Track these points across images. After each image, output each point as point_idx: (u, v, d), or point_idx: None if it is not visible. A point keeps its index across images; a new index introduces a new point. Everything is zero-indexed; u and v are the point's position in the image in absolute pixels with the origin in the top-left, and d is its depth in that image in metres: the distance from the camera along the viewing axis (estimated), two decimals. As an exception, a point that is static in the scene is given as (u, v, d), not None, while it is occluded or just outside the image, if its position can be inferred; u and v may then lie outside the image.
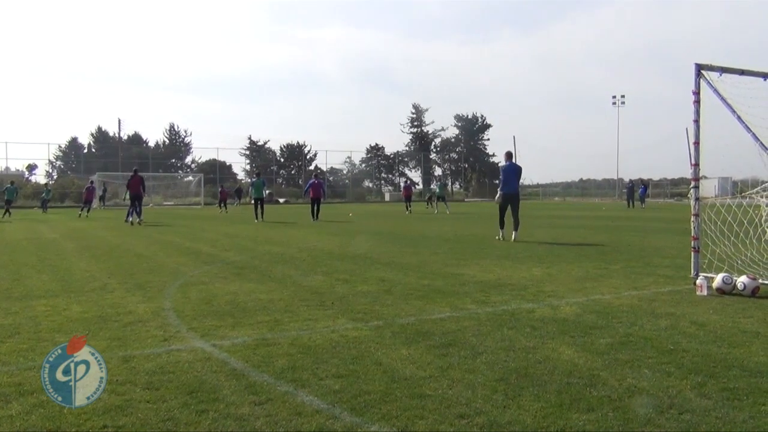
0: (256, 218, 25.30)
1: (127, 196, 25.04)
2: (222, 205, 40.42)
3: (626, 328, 5.76)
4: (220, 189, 44.19)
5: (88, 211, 34.05)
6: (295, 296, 7.56)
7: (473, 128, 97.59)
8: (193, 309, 6.80)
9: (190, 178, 43.65)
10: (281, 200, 65.48)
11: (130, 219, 24.63)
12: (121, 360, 4.75)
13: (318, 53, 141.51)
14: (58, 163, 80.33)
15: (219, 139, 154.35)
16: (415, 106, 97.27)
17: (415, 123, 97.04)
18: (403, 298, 7.40)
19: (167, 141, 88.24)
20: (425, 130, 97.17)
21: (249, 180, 69.49)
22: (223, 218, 30.08)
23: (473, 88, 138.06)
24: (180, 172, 78.87)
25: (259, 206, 25.90)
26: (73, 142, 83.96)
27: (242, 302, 7.18)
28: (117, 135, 77.76)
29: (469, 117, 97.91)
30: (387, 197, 79.09)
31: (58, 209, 46.07)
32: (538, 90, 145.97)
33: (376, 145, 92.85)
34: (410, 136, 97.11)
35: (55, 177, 73.03)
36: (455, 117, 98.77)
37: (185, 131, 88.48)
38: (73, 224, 25.69)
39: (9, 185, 35.11)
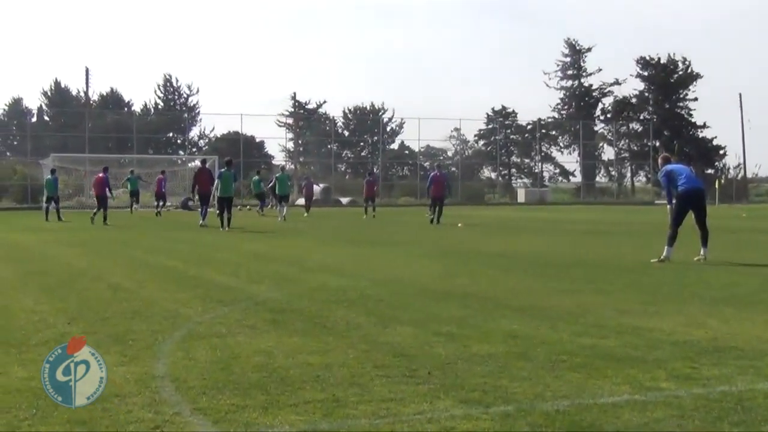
0: (222, 226, 20.13)
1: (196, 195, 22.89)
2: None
3: None
4: (305, 182, 34.20)
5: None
6: (366, 360, 5.46)
7: (668, 81, 63.99)
8: (201, 377, 5.07)
9: (197, 162, 31.68)
10: (344, 200, 45.79)
11: (202, 222, 21.61)
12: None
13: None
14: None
15: (243, 101, 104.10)
16: (570, 44, 64.86)
17: (570, 71, 65.35)
18: (548, 367, 5.24)
19: (161, 103, 62.43)
20: (587, 84, 64.61)
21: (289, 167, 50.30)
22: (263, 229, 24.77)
23: (667, 17, 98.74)
24: (181, 152, 55.90)
25: (225, 210, 20.32)
26: (16, 106, 60.49)
27: (281, 368, 5.27)
28: (83, 93, 54.14)
29: (663, 62, 64.07)
30: (521, 197, 54.22)
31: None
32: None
33: (503, 108, 63.48)
34: (561, 93, 64.74)
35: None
36: (638, 61, 64.26)
37: (188, 87, 62.11)
38: (13, 237, 19.69)
39: (50, 176, 29.47)
